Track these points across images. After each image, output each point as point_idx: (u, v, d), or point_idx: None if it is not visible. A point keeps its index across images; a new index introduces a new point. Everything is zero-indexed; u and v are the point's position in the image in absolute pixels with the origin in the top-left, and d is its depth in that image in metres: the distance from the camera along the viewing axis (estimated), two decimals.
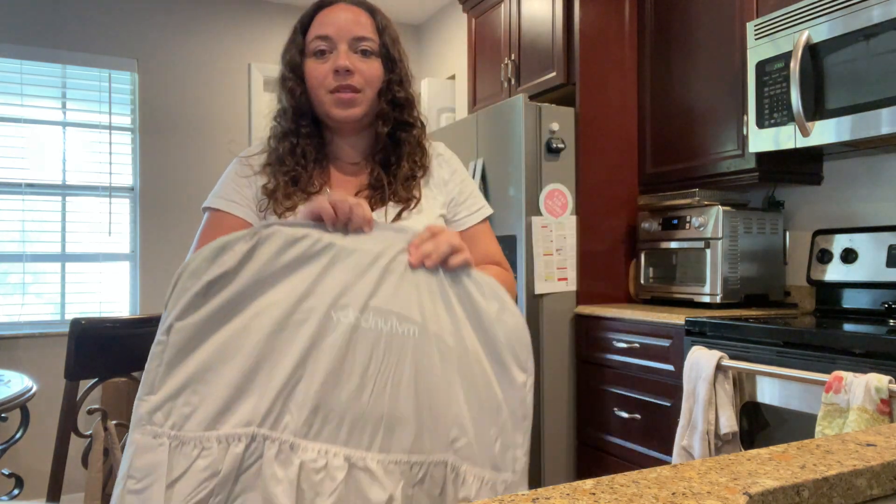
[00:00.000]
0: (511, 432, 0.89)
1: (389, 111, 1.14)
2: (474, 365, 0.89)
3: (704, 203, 2.41)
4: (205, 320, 0.80)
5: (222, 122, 3.96)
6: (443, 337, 0.88)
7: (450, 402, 0.87)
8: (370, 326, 0.85)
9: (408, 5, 4.25)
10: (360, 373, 0.84)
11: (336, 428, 0.82)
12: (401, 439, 0.84)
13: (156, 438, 0.75)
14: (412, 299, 0.88)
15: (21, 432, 1.83)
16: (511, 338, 0.91)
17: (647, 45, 2.75)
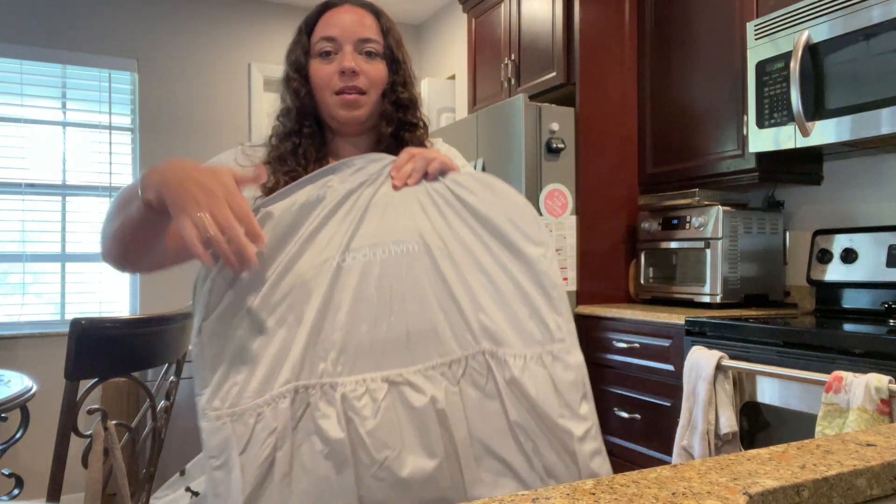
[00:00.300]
0: (544, 306, 0.90)
1: (393, 112, 1.15)
2: (485, 256, 0.91)
3: (704, 203, 2.41)
4: (226, 309, 0.87)
5: (222, 122, 3.96)
6: (445, 242, 0.91)
7: (471, 298, 0.89)
8: (369, 259, 0.90)
9: (408, 5, 4.25)
10: (375, 303, 0.88)
11: (368, 358, 0.86)
12: (434, 346, 0.87)
13: (219, 420, 0.83)
14: (402, 222, 0.92)
15: (21, 432, 1.83)
16: (512, 216, 0.92)
17: (647, 44, 2.75)
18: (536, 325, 0.89)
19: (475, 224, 0.93)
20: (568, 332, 0.90)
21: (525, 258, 0.91)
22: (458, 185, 0.95)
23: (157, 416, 1.51)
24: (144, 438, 1.51)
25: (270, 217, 0.91)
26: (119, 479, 1.34)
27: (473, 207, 0.93)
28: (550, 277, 0.91)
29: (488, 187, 0.94)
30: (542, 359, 0.87)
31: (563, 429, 0.85)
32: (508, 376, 0.86)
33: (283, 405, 0.83)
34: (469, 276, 0.90)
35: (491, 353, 0.87)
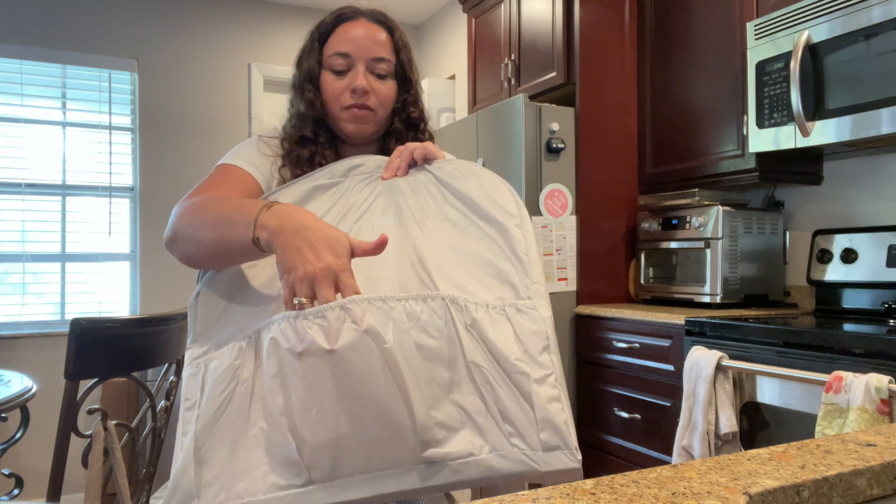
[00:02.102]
0: (516, 268, 0.90)
1: (403, 130, 1.18)
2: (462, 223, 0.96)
3: (704, 203, 2.41)
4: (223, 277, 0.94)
5: (222, 122, 3.96)
6: (424, 216, 0.97)
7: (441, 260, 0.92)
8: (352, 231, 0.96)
9: (408, 5, 4.25)
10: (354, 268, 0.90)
11: None
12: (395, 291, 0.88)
13: (197, 367, 0.88)
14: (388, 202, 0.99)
15: (21, 432, 1.83)
16: (490, 193, 0.97)
17: (647, 45, 2.75)
18: (505, 286, 0.89)
19: (455, 201, 0.99)
20: (535, 293, 0.88)
21: (499, 225, 0.94)
22: (440, 170, 1.01)
23: (157, 416, 1.51)
24: (144, 438, 1.51)
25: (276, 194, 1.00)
26: (119, 479, 1.34)
27: (454, 188, 0.99)
28: (523, 244, 0.92)
29: (470, 172, 1.00)
30: (505, 309, 0.86)
31: (519, 370, 0.82)
32: (467, 322, 0.84)
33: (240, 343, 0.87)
34: (443, 242, 0.94)
35: (451, 298, 0.85)
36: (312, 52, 1.15)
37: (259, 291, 0.93)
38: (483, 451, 0.81)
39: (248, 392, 0.84)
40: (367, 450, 0.79)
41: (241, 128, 4.01)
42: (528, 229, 0.94)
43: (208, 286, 0.94)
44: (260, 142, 1.17)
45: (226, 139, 3.96)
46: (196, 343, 0.91)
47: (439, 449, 0.80)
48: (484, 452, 0.81)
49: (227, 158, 1.11)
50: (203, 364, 0.88)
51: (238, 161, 1.10)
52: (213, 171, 1.10)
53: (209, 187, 1.04)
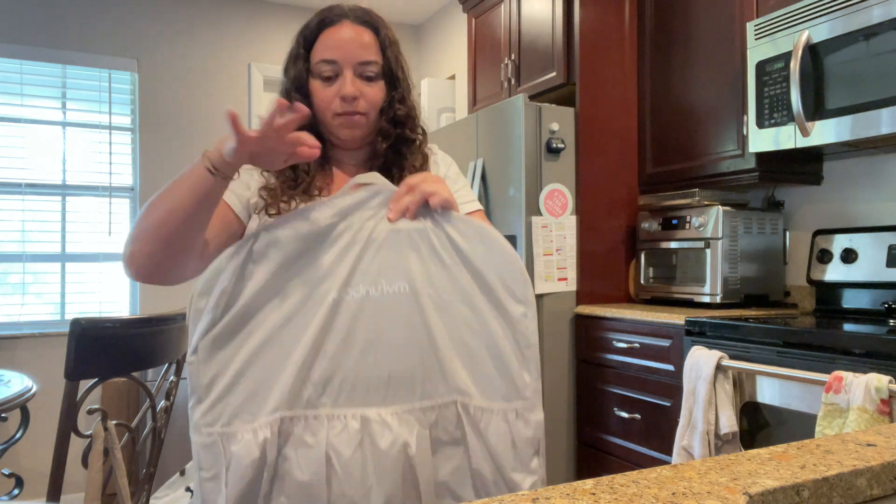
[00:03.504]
0: (516, 364, 0.97)
1: (391, 129, 1.17)
2: (470, 307, 0.97)
3: (704, 203, 2.41)
4: (224, 333, 0.92)
5: (222, 122, 3.96)
6: (435, 288, 0.97)
7: (450, 346, 0.96)
8: (362, 295, 0.95)
9: (408, 5, 4.25)
10: (363, 338, 0.94)
11: (350, 393, 0.93)
12: (410, 390, 0.95)
13: (210, 437, 0.90)
14: (397, 261, 0.97)
15: (21, 432, 1.83)
16: (502, 273, 0.98)
17: (647, 45, 2.75)
18: (505, 382, 0.97)
19: (466, 274, 0.98)
20: (533, 391, 0.98)
21: (507, 316, 0.98)
22: (456, 231, 0.99)
23: (157, 416, 1.51)
24: (144, 438, 1.51)
25: (275, 244, 0.95)
26: (119, 479, 1.34)
27: (467, 257, 0.98)
28: (527, 337, 0.98)
29: (484, 240, 0.99)
30: (507, 415, 0.96)
31: (513, 480, 0.95)
32: (475, 429, 0.96)
33: (264, 434, 0.90)
34: (451, 326, 0.97)
35: (462, 405, 0.96)
36: (299, 58, 1.14)
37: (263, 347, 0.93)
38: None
39: (273, 476, 0.92)
40: None
41: None
42: (531, 315, 0.99)
43: (204, 343, 0.92)
44: None
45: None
46: (201, 404, 0.91)
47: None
48: None
49: None
50: (219, 439, 0.90)
51: None
52: None
53: None
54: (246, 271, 0.94)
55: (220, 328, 0.92)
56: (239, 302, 0.93)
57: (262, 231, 0.95)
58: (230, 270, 0.93)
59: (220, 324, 0.92)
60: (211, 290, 0.92)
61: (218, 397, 0.91)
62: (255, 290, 0.93)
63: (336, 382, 0.93)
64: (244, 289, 0.93)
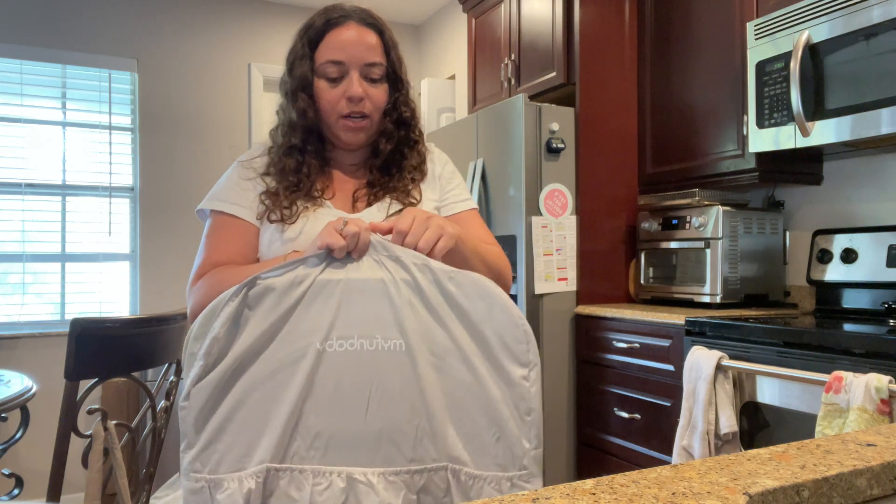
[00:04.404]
0: (515, 429, 0.92)
1: (394, 130, 1.17)
2: (467, 368, 0.93)
3: (704, 203, 2.41)
4: (216, 381, 0.92)
5: (222, 122, 3.96)
6: (431, 347, 0.93)
7: (444, 408, 0.92)
8: (356, 349, 0.92)
9: (408, 5, 4.25)
10: (354, 394, 0.92)
11: (338, 449, 0.91)
12: (400, 451, 0.91)
13: (198, 483, 0.91)
14: (393, 316, 0.93)
15: (21, 432, 1.83)
16: (503, 334, 0.93)
17: (647, 45, 2.75)
18: (502, 448, 0.92)
19: (465, 333, 0.94)
20: (532, 460, 0.93)
21: (507, 379, 0.93)
22: (455, 285, 0.94)
23: (157, 416, 1.51)
24: (144, 438, 1.51)
25: (272, 291, 0.93)
26: (119, 479, 1.34)
27: (466, 314, 0.94)
28: (528, 402, 0.93)
29: (484, 296, 0.94)
30: (500, 484, 0.92)
31: None
32: (464, 496, 0.91)
33: (248, 485, 0.90)
34: (447, 387, 0.93)
35: (453, 471, 0.92)
36: (304, 58, 1.14)
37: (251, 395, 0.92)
38: None
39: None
40: None
41: (241, 128, 4.01)
42: (534, 378, 0.94)
43: (196, 390, 0.92)
44: (240, 168, 1.17)
45: (226, 139, 3.96)
46: (191, 450, 0.91)
47: None
48: None
49: (210, 202, 1.14)
50: (206, 486, 0.90)
51: (222, 206, 1.13)
52: (207, 222, 1.14)
53: (212, 254, 1.10)
54: (241, 318, 0.92)
55: (213, 376, 0.91)
56: (232, 350, 0.92)
57: (259, 276, 0.93)
58: (224, 316, 0.92)
59: (213, 372, 0.91)
60: (205, 335, 0.92)
61: (206, 444, 0.91)
62: (248, 338, 0.92)
63: (325, 437, 0.91)
64: (238, 336, 0.92)
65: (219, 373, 0.92)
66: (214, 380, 0.92)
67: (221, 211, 1.12)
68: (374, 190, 1.16)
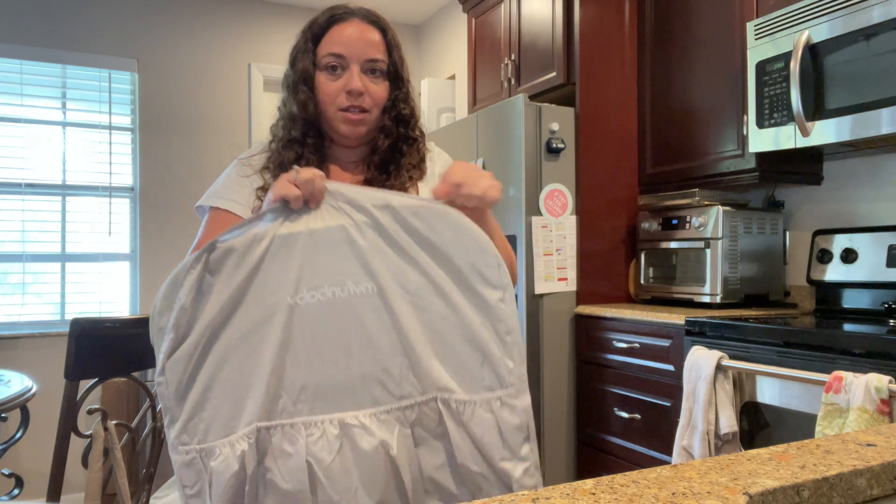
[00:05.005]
0: (497, 351, 0.94)
1: (393, 127, 1.18)
2: (443, 300, 0.94)
3: (704, 203, 2.41)
4: (189, 352, 0.91)
5: (222, 122, 3.96)
6: (404, 285, 0.94)
7: (426, 343, 0.93)
8: (328, 298, 0.92)
9: (408, 5, 4.25)
10: (334, 342, 0.92)
11: (326, 398, 0.92)
12: (387, 390, 0.93)
13: (188, 455, 0.90)
14: (361, 260, 0.94)
15: (21, 432, 1.83)
16: (473, 260, 0.95)
17: (647, 45, 2.75)
18: (487, 371, 0.94)
19: (435, 265, 0.95)
20: (518, 377, 0.95)
21: (483, 302, 0.95)
22: (419, 219, 0.94)
23: (157, 416, 1.51)
24: (144, 438, 1.51)
25: (233, 252, 0.92)
26: (119, 479, 1.34)
27: (433, 246, 0.95)
28: (506, 322, 0.95)
29: (449, 224, 0.95)
30: (491, 404, 0.94)
31: (502, 470, 0.92)
32: (458, 422, 0.93)
33: (242, 447, 0.89)
34: (425, 322, 0.94)
35: (443, 400, 0.93)
36: (307, 52, 1.15)
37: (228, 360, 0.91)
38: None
39: (255, 487, 0.91)
40: None
41: (241, 128, 4.01)
42: (509, 299, 0.96)
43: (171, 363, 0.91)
44: (239, 165, 1.19)
45: (226, 139, 3.96)
46: (175, 424, 0.90)
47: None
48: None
49: (208, 199, 1.16)
50: (198, 455, 0.90)
51: (218, 202, 1.14)
52: (205, 216, 1.15)
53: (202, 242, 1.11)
54: (203, 284, 0.91)
55: (186, 347, 0.90)
56: (201, 318, 0.91)
57: (218, 239, 0.92)
58: (188, 285, 0.91)
59: (186, 343, 0.90)
60: (171, 306, 0.91)
61: (190, 415, 0.90)
62: (216, 303, 0.91)
63: (311, 389, 0.91)
64: (205, 304, 0.91)
65: (192, 342, 0.90)
66: (188, 350, 0.91)
67: (218, 207, 1.14)
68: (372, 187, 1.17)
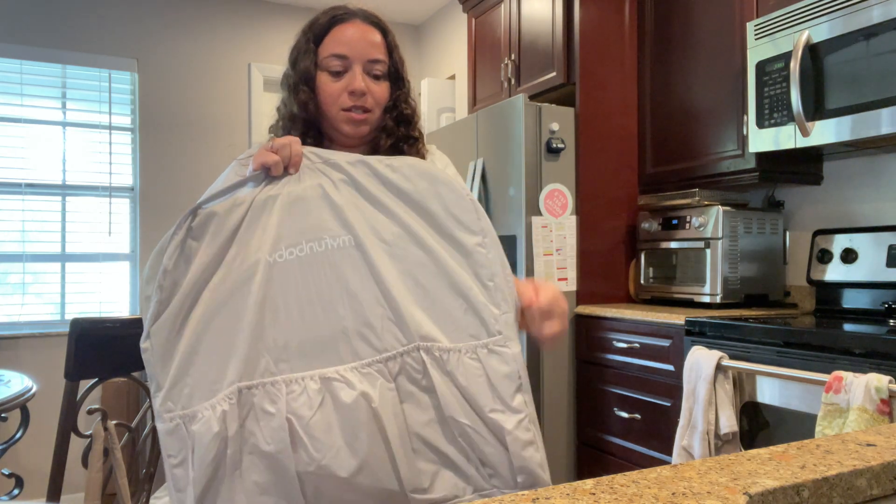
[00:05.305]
0: (480, 297, 0.92)
1: (394, 127, 1.19)
2: (421, 248, 0.93)
3: (704, 203, 2.41)
4: (174, 315, 0.91)
5: (222, 122, 3.96)
6: (380, 235, 0.93)
7: (406, 292, 0.92)
8: (306, 254, 0.92)
9: (408, 5, 4.25)
10: (313, 297, 0.91)
11: (307, 355, 0.90)
12: (369, 343, 0.91)
13: (172, 422, 0.89)
14: (336, 216, 0.94)
15: (21, 432, 1.83)
16: (450, 207, 0.94)
17: (647, 45, 2.75)
18: (472, 318, 0.92)
19: (412, 213, 0.94)
20: (504, 324, 0.92)
21: (462, 248, 0.93)
22: (392, 170, 0.96)
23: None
24: (144, 438, 1.51)
25: (214, 216, 0.93)
26: (119, 479, 1.34)
27: (407, 194, 0.95)
28: (488, 268, 0.93)
29: (424, 175, 0.95)
30: (477, 352, 0.91)
31: (493, 422, 0.89)
32: (443, 371, 0.90)
33: (227, 406, 0.88)
34: (404, 271, 0.93)
35: (426, 349, 0.90)
36: (308, 52, 1.15)
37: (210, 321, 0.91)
38: (466, 492, 0.89)
39: (238, 450, 0.88)
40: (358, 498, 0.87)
41: (241, 128, 4.01)
42: (491, 245, 0.94)
43: (156, 328, 0.91)
44: (237, 166, 1.19)
45: (226, 139, 3.96)
46: (161, 391, 0.90)
47: (426, 496, 0.88)
48: (468, 493, 0.89)
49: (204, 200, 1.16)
50: (181, 422, 0.88)
51: None
52: None
53: None
54: (186, 248, 0.92)
55: (170, 310, 0.90)
56: (185, 281, 0.91)
57: (201, 205, 0.93)
58: (171, 249, 0.92)
59: (170, 306, 0.90)
60: (156, 274, 0.92)
61: (175, 380, 0.89)
62: (198, 266, 0.91)
63: (292, 346, 0.90)
64: (188, 268, 0.92)
65: (175, 306, 0.91)
66: (172, 313, 0.91)
67: None
68: None
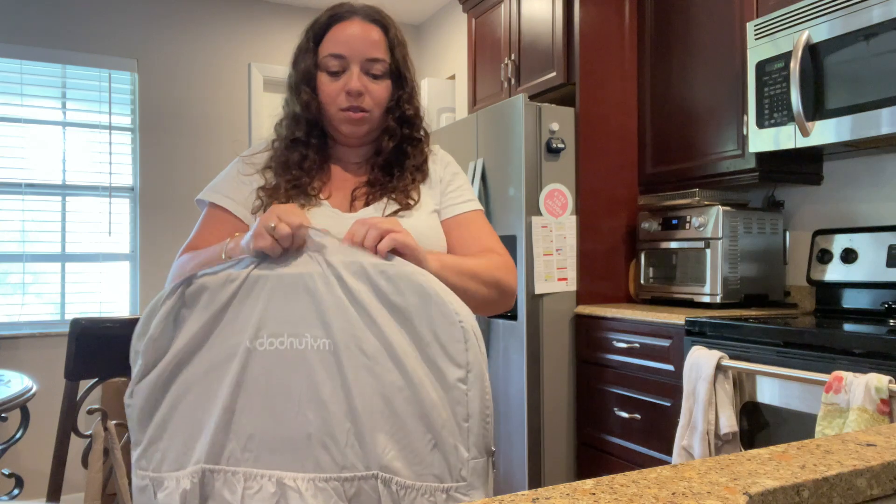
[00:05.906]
0: (450, 437, 0.85)
1: (397, 128, 1.17)
2: (400, 370, 0.87)
3: (704, 203, 2.41)
4: (154, 380, 0.93)
5: (222, 122, 3.96)
6: (361, 346, 0.87)
7: (374, 413, 0.86)
8: (286, 347, 0.89)
9: (408, 5, 4.25)
10: (285, 395, 0.89)
11: (270, 452, 0.89)
12: (331, 456, 0.86)
13: (143, 480, 0.92)
14: (319, 316, 0.89)
15: (21, 432, 1.83)
16: (437, 332, 0.87)
17: (647, 45, 2.75)
18: (437, 457, 0.85)
19: (396, 328, 0.88)
20: (471, 471, 0.85)
21: (443, 380, 0.86)
22: (386, 279, 0.89)
23: None
24: None
25: (205, 289, 0.93)
26: (119, 479, 1.34)
27: (398, 309, 0.88)
28: (465, 407, 0.86)
29: (418, 291, 0.88)
30: (436, 496, 0.84)
31: None
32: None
33: (184, 485, 0.89)
34: (378, 390, 0.86)
35: (385, 480, 0.85)
36: (308, 52, 1.15)
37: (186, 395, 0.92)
38: None
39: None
40: None
41: (241, 128, 4.01)
42: (474, 381, 0.86)
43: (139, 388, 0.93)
44: (241, 163, 1.19)
45: (226, 139, 3.96)
46: (138, 447, 0.93)
47: None
48: None
49: (208, 193, 1.17)
50: (150, 484, 0.91)
51: (216, 198, 1.15)
52: (203, 211, 1.18)
53: (194, 241, 1.14)
54: (179, 316, 0.93)
55: (153, 375, 0.92)
56: (172, 349, 0.92)
57: (196, 274, 0.93)
58: (161, 315, 0.92)
59: (154, 371, 0.92)
60: (146, 333, 0.92)
61: (149, 442, 0.92)
62: (185, 336, 0.92)
63: (258, 438, 0.88)
64: (177, 336, 0.92)
65: (158, 371, 0.92)
66: (154, 378, 0.92)
67: (216, 203, 1.15)
68: (374, 189, 1.16)
